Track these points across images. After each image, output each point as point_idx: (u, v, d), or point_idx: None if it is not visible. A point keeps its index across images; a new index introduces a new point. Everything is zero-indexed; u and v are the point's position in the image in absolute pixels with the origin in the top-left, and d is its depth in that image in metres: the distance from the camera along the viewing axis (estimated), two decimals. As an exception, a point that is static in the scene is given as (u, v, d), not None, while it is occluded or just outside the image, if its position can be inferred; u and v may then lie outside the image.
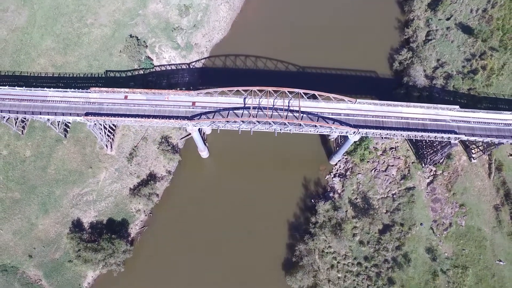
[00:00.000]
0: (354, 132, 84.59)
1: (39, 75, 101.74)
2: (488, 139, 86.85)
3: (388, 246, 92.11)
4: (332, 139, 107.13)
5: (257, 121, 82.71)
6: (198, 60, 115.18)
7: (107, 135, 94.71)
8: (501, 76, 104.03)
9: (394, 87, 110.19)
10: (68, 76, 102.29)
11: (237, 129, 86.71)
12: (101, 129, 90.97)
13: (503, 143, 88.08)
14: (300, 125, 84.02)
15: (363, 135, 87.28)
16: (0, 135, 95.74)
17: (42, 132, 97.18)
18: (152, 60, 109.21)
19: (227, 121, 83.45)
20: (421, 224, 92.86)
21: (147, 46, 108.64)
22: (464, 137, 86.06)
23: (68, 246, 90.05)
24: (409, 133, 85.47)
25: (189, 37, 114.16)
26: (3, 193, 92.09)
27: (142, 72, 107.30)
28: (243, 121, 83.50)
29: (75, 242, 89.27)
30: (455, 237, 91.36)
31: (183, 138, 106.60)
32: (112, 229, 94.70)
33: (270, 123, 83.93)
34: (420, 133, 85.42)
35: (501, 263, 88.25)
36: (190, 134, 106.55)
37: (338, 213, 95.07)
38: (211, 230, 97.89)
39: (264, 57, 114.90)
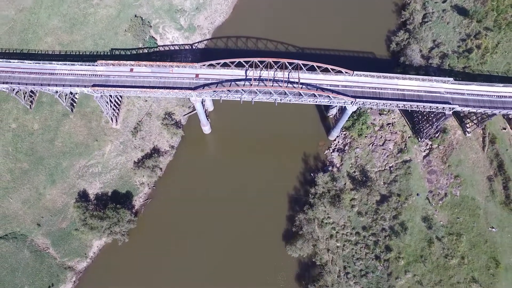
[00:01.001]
0: (352, 102, 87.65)
1: (47, 52, 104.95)
2: (481, 110, 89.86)
3: (385, 215, 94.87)
4: (331, 116, 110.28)
5: (257, 90, 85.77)
6: (200, 41, 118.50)
7: (113, 108, 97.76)
8: (495, 54, 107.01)
9: (391, 67, 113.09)
10: (74, 53, 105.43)
11: (239, 99, 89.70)
12: (107, 102, 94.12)
13: (495, 114, 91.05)
14: (299, 94, 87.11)
15: (360, 106, 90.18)
16: (9, 109, 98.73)
17: (49, 106, 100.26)
18: (156, 40, 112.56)
19: (229, 90, 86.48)
20: (417, 194, 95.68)
21: (151, 26, 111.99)
22: (458, 108, 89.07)
23: (75, 215, 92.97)
24: (404, 103, 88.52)
25: (192, 19, 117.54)
26: (12, 164, 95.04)
27: (147, 51, 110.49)
28: (244, 90, 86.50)
29: (82, 211, 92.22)
30: (450, 206, 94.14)
31: (186, 114, 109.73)
32: (117, 201, 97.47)
33: (270, 93, 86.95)
34: (415, 103, 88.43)
35: (493, 229, 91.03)
36: (193, 111, 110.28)
37: (337, 184, 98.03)
38: (213, 204, 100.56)
39: (264, 38, 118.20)
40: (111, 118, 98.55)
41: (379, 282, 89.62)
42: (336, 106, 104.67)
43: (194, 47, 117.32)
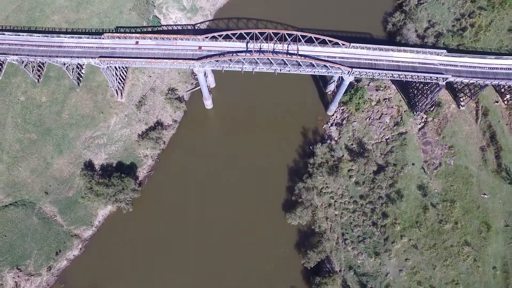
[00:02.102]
0: (348, 72, 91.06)
1: (54, 29, 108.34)
2: (474, 80, 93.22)
3: (382, 184, 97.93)
4: (329, 92, 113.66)
5: (258, 59, 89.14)
6: (202, 22, 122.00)
7: (118, 81, 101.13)
8: (488, 32, 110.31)
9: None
10: (80, 31, 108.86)
11: (240, 69, 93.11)
12: (113, 74, 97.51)
13: (487, 85, 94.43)
14: (298, 64, 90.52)
15: (357, 76, 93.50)
16: (17, 83, 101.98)
17: (56, 80, 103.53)
18: (160, 19, 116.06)
19: (231, 60, 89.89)
20: (413, 164, 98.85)
21: (155, 6, 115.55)
22: (451, 78, 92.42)
23: (81, 182, 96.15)
24: (399, 72, 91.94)
25: (194, 0, 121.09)
26: (21, 134, 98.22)
27: (150, 30, 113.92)
28: (245, 60, 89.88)
29: (88, 179, 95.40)
30: (445, 175, 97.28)
31: (188, 91, 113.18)
32: (121, 172, 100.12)
33: (270, 62, 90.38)
34: (410, 73, 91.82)
35: (485, 196, 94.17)
36: (195, 87, 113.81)
37: (335, 154, 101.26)
38: (214, 176, 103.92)
39: (264, 20, 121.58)
40: (116, 91, 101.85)
41: (376, 246, 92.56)
42: (334, 81, 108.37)
43: (196, 27, 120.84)
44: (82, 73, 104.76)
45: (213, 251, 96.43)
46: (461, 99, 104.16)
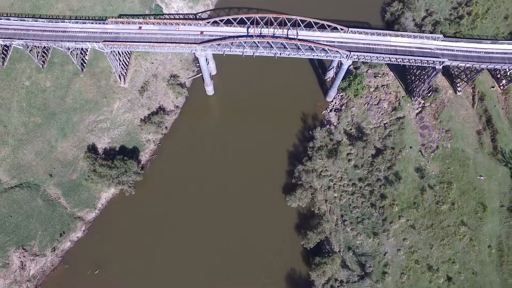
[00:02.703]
0: (347, 55, 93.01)
1: (58, 17, 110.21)
2: (470, 64, 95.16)
3: (380, 167, 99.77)
4: (328, 79, 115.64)
5: (259, 42, 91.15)
6: (204, 12, 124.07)
7: (121, 67, 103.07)
8: (485, 19, 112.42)
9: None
10: (84, 18, 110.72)
11: (241, 53, 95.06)
12: (116, 60, 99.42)
13: (483, 68, 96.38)
14: (297, 48, 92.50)
15: (355, 59, 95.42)
16: (22, 69, 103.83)
17: (60, 66, 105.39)
18: (162, 8, 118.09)
19: (232, 43, 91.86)
20: (410, 147, 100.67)
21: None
22: (447, 62, 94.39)
23: (85, 164, 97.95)
24: (397, 56, 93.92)
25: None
26: (26, 118, 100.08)
27: (153, 18, 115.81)
28: (246, 43, 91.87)
29: (91, 161, 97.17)
30: (442, 158, 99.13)
31: (190, 77, 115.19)
32: (124, 155, 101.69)
33: (270, 46, 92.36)
34: (407, 57, 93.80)
35: (481, 178, 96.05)
36: (197, 74, 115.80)
37: (334, 137, 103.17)
38: (216, 161, 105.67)
39: (265, 9, 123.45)
40: (119, 77, 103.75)
41: (375, 227, 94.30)
42: (333, 68, 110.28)
43: (197, 17, 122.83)
44: (86, 59, 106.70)
45: (214, 233, 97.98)
46: (458, 84, 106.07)
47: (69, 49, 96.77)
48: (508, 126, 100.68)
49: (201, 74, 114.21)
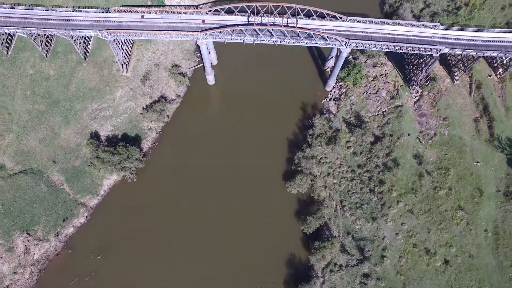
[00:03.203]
0: (346, 43, 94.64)
1: (60, 8, 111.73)
2: (466, 52, 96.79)
3: (379, 154, 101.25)
4: (327, 69, 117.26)
5: (259, 29, 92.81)
6: (205, 3, 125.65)
7: (124, 56, 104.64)
8: (482, 10, 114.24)
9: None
10: (87, 8, 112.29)
11: (242, 41, 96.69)
12: (119, 49, 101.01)
13: (480, 56, 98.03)
14: (297, 36, 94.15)
15: (354, 48, 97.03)
16: (26, 58, 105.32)
17: (64, 55, 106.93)
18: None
19: (233, 31, 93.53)
20: (408, 134, 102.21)
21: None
22: (444, 49, 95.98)
23: (88, 150, 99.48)
24: (395, 44, 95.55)
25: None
26: (30, 105, 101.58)
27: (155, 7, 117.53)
28: (247, 30, 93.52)
29: (94, 147, 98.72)
30: (439, 145, 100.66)
31: (192, 67, 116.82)
32: (127, 143, 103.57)
33: (271, 34, 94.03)
34: (405, 44, 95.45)
35: (478, 163, 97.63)
36: (198, 64, 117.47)
37: (333, 125, 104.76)
38: (217, 148, 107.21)
39: (266, 1, 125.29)
40: (122, 65, 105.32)
41: (373, 212, 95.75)
42: (332, 57, 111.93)
43: (199, 8, 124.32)
44: (89, 48, 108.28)
45: (215, 219, 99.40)
46: (455, 73, 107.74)
47: (72, 37, 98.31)
48: (504, 114, 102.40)
49: (202, 64, 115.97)
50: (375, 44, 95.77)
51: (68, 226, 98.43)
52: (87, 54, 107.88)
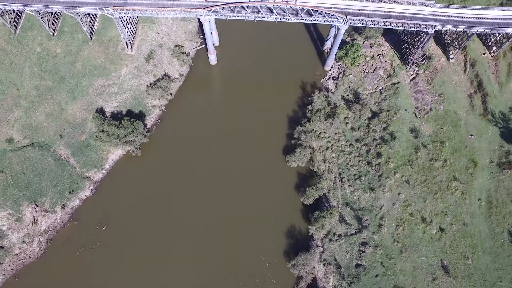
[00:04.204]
0: (343, 19, 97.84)
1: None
2: (460, 28, 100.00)
3: (376, 128, 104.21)
4: (326, 50, 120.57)
5: (260, 6, 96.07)
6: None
7: (129, 34, 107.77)
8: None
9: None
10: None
11: (243, 18, 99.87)
12: (124, 27, 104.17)
13: (473, 33, 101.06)
14: (297, 12, 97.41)
15: (351, 24, 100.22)
16: (34, 36, 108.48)
17: (70, 34, 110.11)
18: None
19: (235, 7, 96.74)
20: (405, 109, 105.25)
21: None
22: (439, 26, 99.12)
23: (93, 124, 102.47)
24: (391, 20, 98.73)
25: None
26: (37, 81, 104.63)
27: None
28: (248, 7, 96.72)
29: (99, 121, 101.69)
30: (435, 119, 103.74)
31: (194, 48, 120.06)
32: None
33: (271, 10, 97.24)
34: (401, 21, 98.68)
35: (472, 137, 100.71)
36: (200, 45, 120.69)
37: (332, 99, 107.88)
38: (219, 125, 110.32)
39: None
40: (127, 44, 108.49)
41: (371, 183, 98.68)
42: (330, 37, 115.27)
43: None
44: (95, 28, 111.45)
45: (216, 192, 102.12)
46: (450, 52, 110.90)
47: (79, 15, 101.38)
48: (498, 89, 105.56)
49: (204, 45, 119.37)
50: (371, 21, 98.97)
51: (74, 199, 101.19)
52: (93, 33, 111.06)
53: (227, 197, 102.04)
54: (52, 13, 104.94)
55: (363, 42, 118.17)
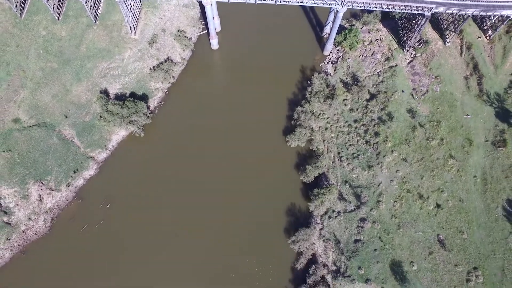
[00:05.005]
0: (342, 2, 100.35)
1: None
2: (456, 10, 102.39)
3: (374, 109, 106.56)
4: (325, 35, 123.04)
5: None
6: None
7: (132, 18, 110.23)
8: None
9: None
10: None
11: (244, 1, 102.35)
12: (128, 10, 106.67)
13: (469, 15, 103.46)
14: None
15: (349, 7, 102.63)
16: (39, 20, 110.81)
17: (75, 18, 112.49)
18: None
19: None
20: (402, 91, 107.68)
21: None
22: (435, 8, 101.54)
23: (98, 104, 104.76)
24: (388, 2, 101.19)
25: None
26: (43, 63, 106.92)
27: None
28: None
29: (104, 101, 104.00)
30: (431, 100, 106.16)
31: (196, 34, 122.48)
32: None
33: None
34: (398, 3, 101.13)
35: (468, 116, 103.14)
36: (202, 31, 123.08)
37: (331, 82, 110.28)
38: (220, 108, 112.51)
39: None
40: (130, 28, 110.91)
41: (369, 161, 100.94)
42: (329, 22, 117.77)
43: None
44: (99, 12, 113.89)
45: (218, 172, 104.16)
46: (447, 36, 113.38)
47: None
48: (493, 71, 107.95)
49: (206, 31, 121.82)
50: (369, 4, 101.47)
51: (78, 178, 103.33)
52: (97, 17, 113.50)
53: (228, 176, 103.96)
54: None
55: (361, 28, 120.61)
